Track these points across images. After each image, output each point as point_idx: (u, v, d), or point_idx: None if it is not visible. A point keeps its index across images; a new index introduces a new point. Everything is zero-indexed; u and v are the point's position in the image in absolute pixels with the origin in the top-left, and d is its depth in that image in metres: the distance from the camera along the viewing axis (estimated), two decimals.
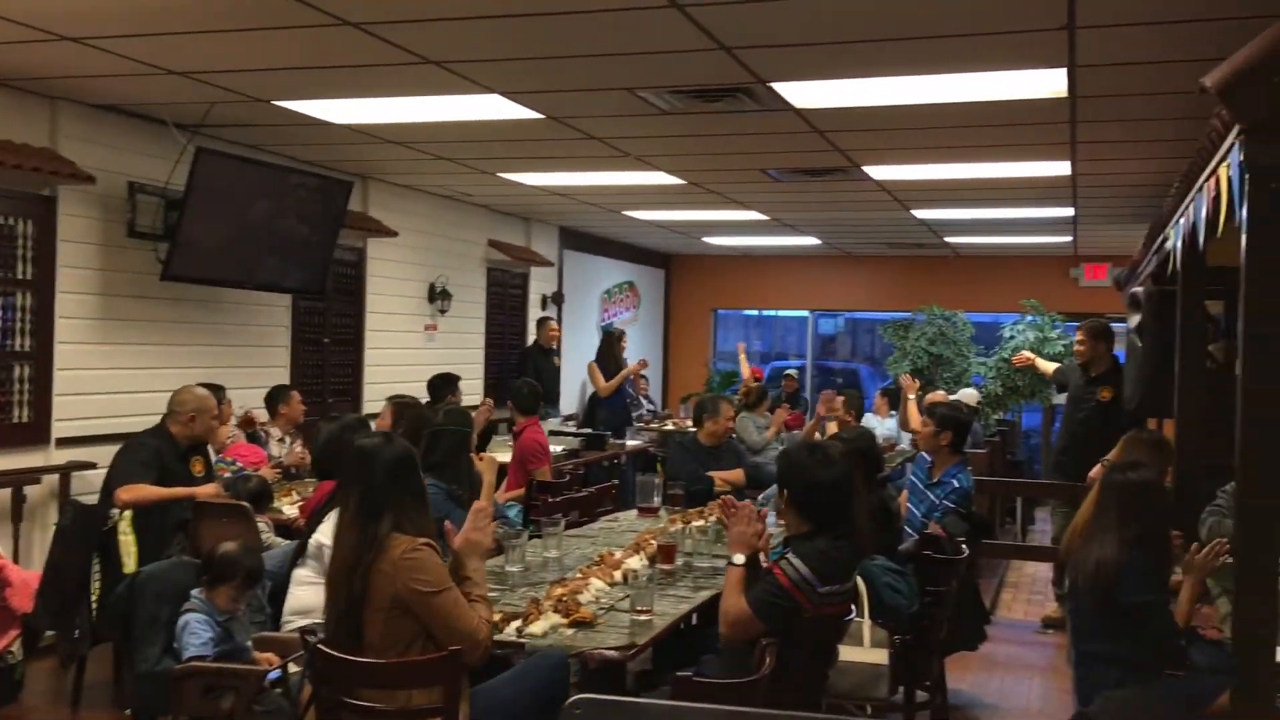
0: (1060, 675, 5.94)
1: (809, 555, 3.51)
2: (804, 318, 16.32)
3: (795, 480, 3.69)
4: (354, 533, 3.17)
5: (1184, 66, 4.48)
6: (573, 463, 8.18)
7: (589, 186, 8.97)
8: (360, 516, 3.18)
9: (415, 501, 3.27)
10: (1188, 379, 4.74)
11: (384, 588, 3.07)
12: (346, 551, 3.17)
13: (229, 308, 7.32)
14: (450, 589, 3.12)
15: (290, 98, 5.89)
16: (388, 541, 3.12)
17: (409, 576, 3.06)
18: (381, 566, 3.09)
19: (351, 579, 3.10)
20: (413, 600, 3.06)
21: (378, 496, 3.20)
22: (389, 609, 3.07)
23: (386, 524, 3.15)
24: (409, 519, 3.20)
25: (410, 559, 3.08)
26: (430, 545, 3.15)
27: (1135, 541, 3.88)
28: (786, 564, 3.50)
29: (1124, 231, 10.23)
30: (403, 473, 3.29)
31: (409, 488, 3.28)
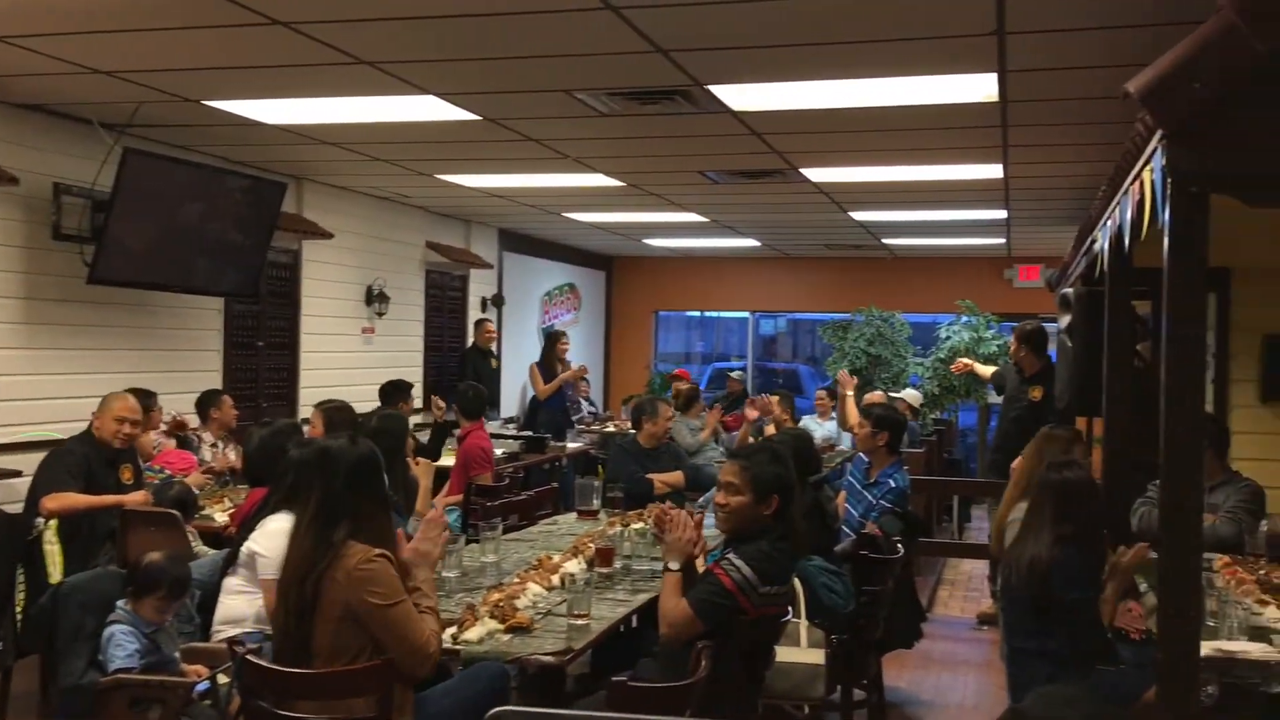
0: (995, 671, 6.01)
1: (751, 556, 3.53)
2: (745, 319, 16.42)
3: (786, 492, 3.72)
4: (310, 537, 3.10)
5: (1111, 72, 4.56)
6: (513, 466, 8.14)
7: (528, 188, 8.93)
8: (317, 521, 3.11)
9: (376, 508, 3.20)
10: (1115, 378, 4.82)
11: (336, 597, 3.01)
12: (300, 557, 3.09)
13: (159, 311, 7.18)
14: (403, 601, 3.07)
15: (220, 97, 5.80)
16: (344, 549, 3.06)
17: (363, 589, 3.01)
18: (335, 575, 3.02)
19: (303, 586, 3.03)
20: (365, 613, 3.01)
21: (337, 501, 3.12)
22: (339, 618, 3.01)
23: (344, 530, 3.09)
24: (368, 526, 3.13)
25: (365, 570, 3.02)
26: (386, 556, 3.09)
27: (1068, 539, 3.94)
28: (729, 565, 3.52)
29: (1055, 233, 10.42)
30: (365, 477, 3.21)
31: (371, 493, 3.20)
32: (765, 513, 3.71)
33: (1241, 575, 4.30)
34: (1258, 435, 6.27)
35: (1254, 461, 6.09)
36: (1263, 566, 4.49)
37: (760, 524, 3.70)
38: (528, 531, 5.55)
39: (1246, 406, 6.37)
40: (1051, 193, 8.37)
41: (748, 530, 3.69)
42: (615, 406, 13.90)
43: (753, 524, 3.70)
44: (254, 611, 3.90)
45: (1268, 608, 3.85)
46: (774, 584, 3.55)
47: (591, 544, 4.68)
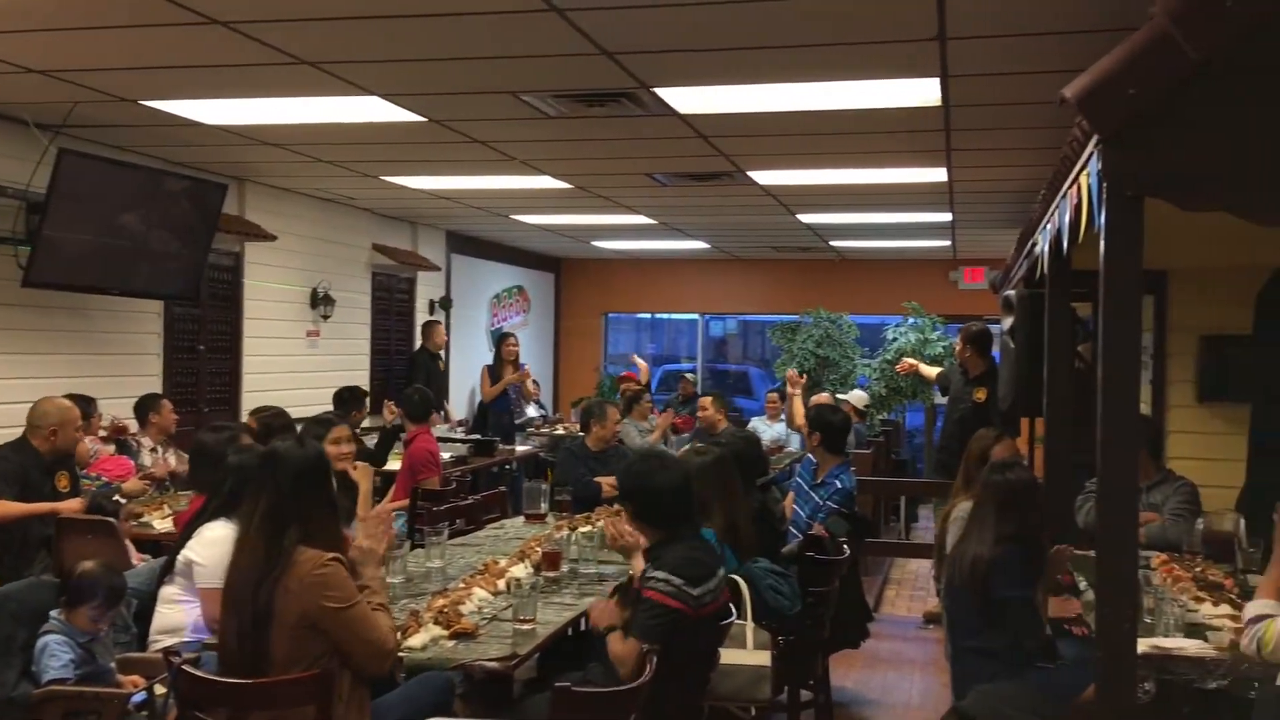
0: (941, 670, 6.07)
1: (673, 564, 3.51)
2: (694, 320, 16.45)
3: (637, 490, 3.71)
4: (259, 545, 3.04)
5: (1050, 77, 4.61)
6: (460, 469, 8.08)
7: (475, 190, 8.88)
8: (266, 527, 3.05)
9: (325, 512, 3.14)
10: (1055, 379, 4.89)
11: (292, 606, 2.96)
12: (250, 565, 3.03)
13: (96, 315, 7.05)
14: (359, 602, 3.04)
15: (159, 97, 5.70)
16: (295, 555, 3.00)
17: (319, 594, 2.96)
18: (288, 584, 2.97)
19: (256, 595, 2.97)
20: (324, 618, 2.96)
21: (285, 506, 3.06)
22: (296, 626, 2.96)
23: (294, 536, 3.03)
24: (318, 530, 3.08)
25: (319, 575, 2.98)
26: (338, 560, 3.05)
27: (1009, 539, 3.99)
28: (656, 582, 3.48)
29: (999, 236, 10.55)
30: (314, 479, 3.15)
31: (319, 497, 3.15)
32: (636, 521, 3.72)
33: (1178, 573, 4.37)
34: (1195, 435, 6.38)
35: (1192, 460, 6.20)
36: (1199, 564, 4.57)
37: (663, 529, 3.68)
38: (474, 536, 5.52)
39: (1184, 406, 6.49)
40: (995, 196, 8.48)
41: (658, 538, 3.67)
42: (565, 409, 13.87)
43: (656, 532, 3.68)
44: (191, 620, 3.84)
45: (1203, 605, 3.92)
46: (704, 582, 3.54)
47: (538, 548, 4.65)
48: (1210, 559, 4.70)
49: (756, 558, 4.49)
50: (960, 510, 5.00)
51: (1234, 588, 4.19)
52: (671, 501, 3.67)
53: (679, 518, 3.68)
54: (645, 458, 3.84)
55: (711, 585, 3.57)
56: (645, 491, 3.68)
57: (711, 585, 3.57)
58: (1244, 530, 4.68)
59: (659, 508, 3.68)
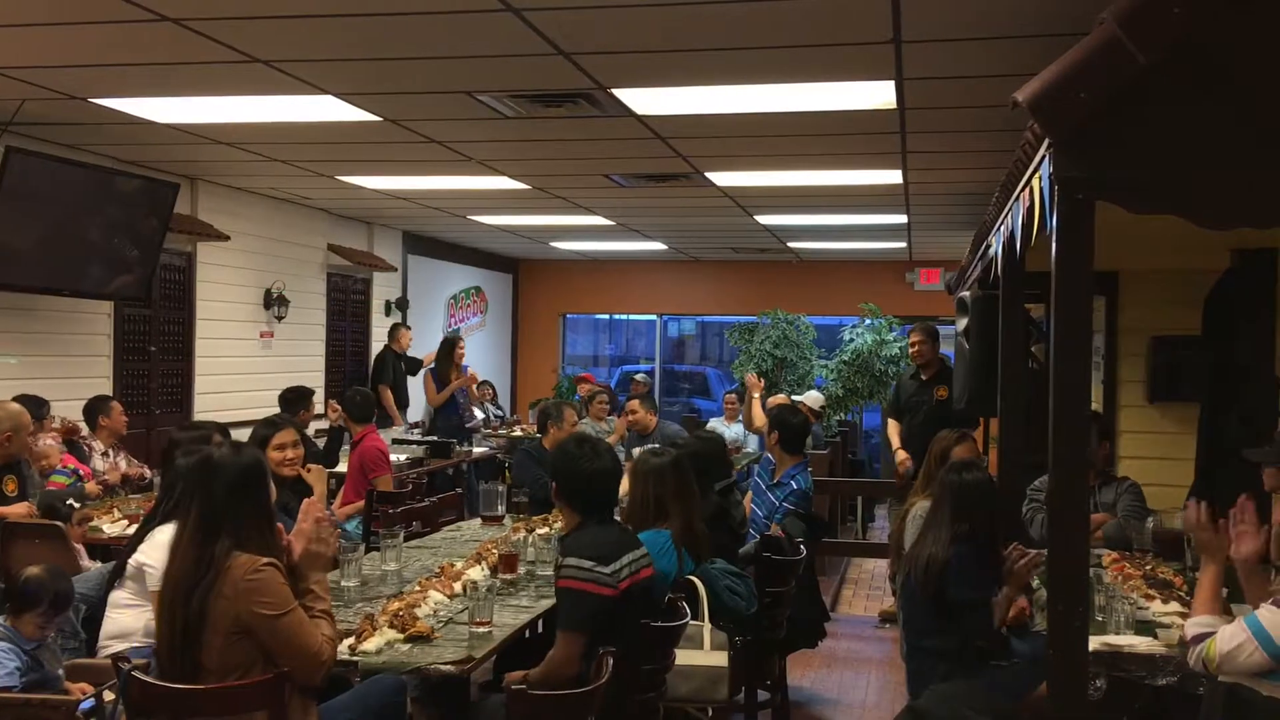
0: (897, 669, 6.11)
1: (580, 548, 3.57)
2: (653, 321, 16.46)
3: (566, 473, 3.76)
4: (192, 551, 2.99)
5: (1004, 81, 4.65)
6: (416, 471, 8.03)
7: (432, 190, 8.83)
8: (199, 533, 3.00)
9: (259, 518, 3.09)
10: (1009, 379, 4.93)
11: (224, 611, 2.92)
12: (183, 571, 2.99)
13: (45, 316, 6.93)
14: (294, 610, 2.99)
15: (109, 95, 5.61)
16: (228, 561, 2.96)
17: (251, 600, 2.92)
18: (222, 589, 2.93)
19: (189, 601, 2.93)
20: (256, 624, 2.93)
21: (219, 512, 3.02)
22: (229, 632, 2.93)
23: (227, 542, 2.99)
24: (252, 537, 3.03)
25: (252, 581, 2.94)
26: (274, 565, 3.00)
27: (964, 539, 4.03)
28: (567, 570, 3.53)
29: (954, 238, 10.65)
30: (248, 486, 3.10)
31: (254, 502, 3.10)
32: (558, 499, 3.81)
33: (1129, 571, 4.43)
34: (1145, 434, 6.49)
35: (1142, 460, 6.31)
36: (1149, 563, 4.63)
37: (574, 513, 3.76)
38: (430, 538, 5.47)
39: (1134, 406, 6.59)
40: (949, 198, 8.56)
41: (574, 523, 3.76)
42: (522, 411, 13.83)
43: (573, 514, 3.77)
44: (143, 625, 3.77)
45: (1153, 602, 3.97)
46: (615, 559, 3.57)
47: (495, 550, 4.63)
48: (1160, 557, 4.77)
49: (713, 559, 4.49)
50: (918, 510, 5.04)
51: (1183, 585, 4.24)
52: (595, 488, 3.75)
53: (596, 506, 3.76)
54: (580, 441, 3.88)
55: (626, 560, 3.61)
56: (572, 473, 3.75)
57: (626, 560, 3.61)
58: None
59: (581, 492, 3.75)
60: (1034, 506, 5.43)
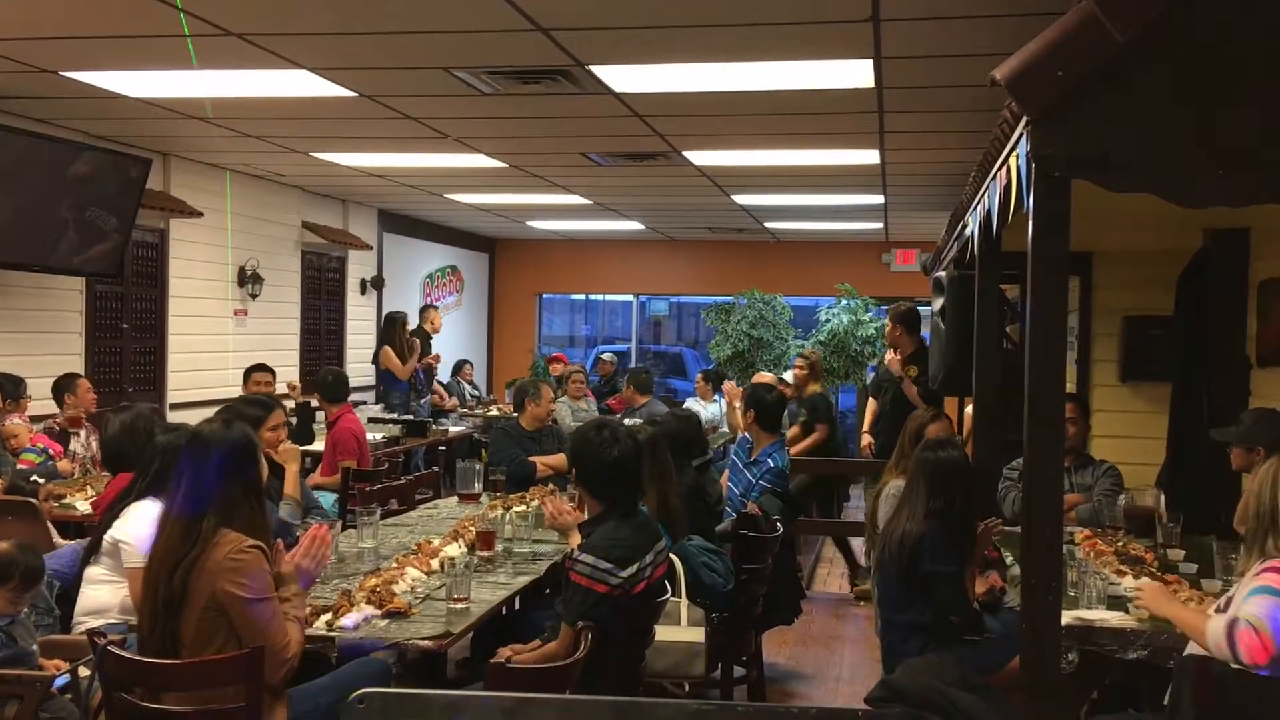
0: (871, 645, 6.16)
1: (599, 547, 3.52)
2: (629, 302, 16.45)
3: (586, 460, 3.73)
4: (178, 526, 2.99)
5: (981, 60, 4.67)
6: (391, 450, 8.01)
7: (408, 168, 8.78)
8: (186, 509, 3.00)
9: (248, 496, 3.10)
10: (985, 359, 4.96)
11: (204, 587, 2.92)
12: (168, 546, 2.99)
13: (15, 292, 6.85)
14: (271, 599, 2.99)
15: (79, 68, 5.54)
16: (214, 538, 2.96)
17: (229, 578, 2.92)
18: (205, 565, 2.93)
19: (172, 576, 2.93)
20: (228, 603, 2.92)
21: (207, 488, 3.01)
22: (205, 608, 2.93)
23: (214, 519, 2.99)
24: (239, 514, 3.04)
25: (235, 560, 2.94)
26: (259, 548, 3.00)
27: (938, 515, 4.06)
28: (583, 566, 3.47)
29: (930, 218, 10.69)
30: (237, 463, 3.10)
31: (243, 479, 3.10)
32: (580, 487, 3.77)
33: (1100, 547, 4.48)
34: (1118, 413, 6.54)
35: (1114, 439, 6.36)
36: (1120, 539, 4.69)
37: (595, 500, 3.72)
38: (407, 516, 5.47)
39: (1107, 385, 6.64)
40: (926, 178, 8.58)
41: (597, 510, 3.72)
42: (499, 390, 13.81)
43: (596, 502, 3.73)
44: (118, 601, 3.75)
45: (1125, 578, 4.02)
46: (633, 563, 3.54)
47: (472, 527, 4.63)
48: (1131, 534, 4.82)
49: (690, 536, 4.51)
50: (891, 488, 5.07)
51: (1154, 562, 4.30)
52: (617, 475, 3.68)
53: (621, 492, 3.70)
54: (599, 427, 3.82)
55: (645, 563, 3.58)
56: (594, 462, 3.69)
57: (645, 563, 3.58)
58: (1164, 506, 4.81)
59: (602, 479, 3.70)
60: (1008, 485, 5.47)
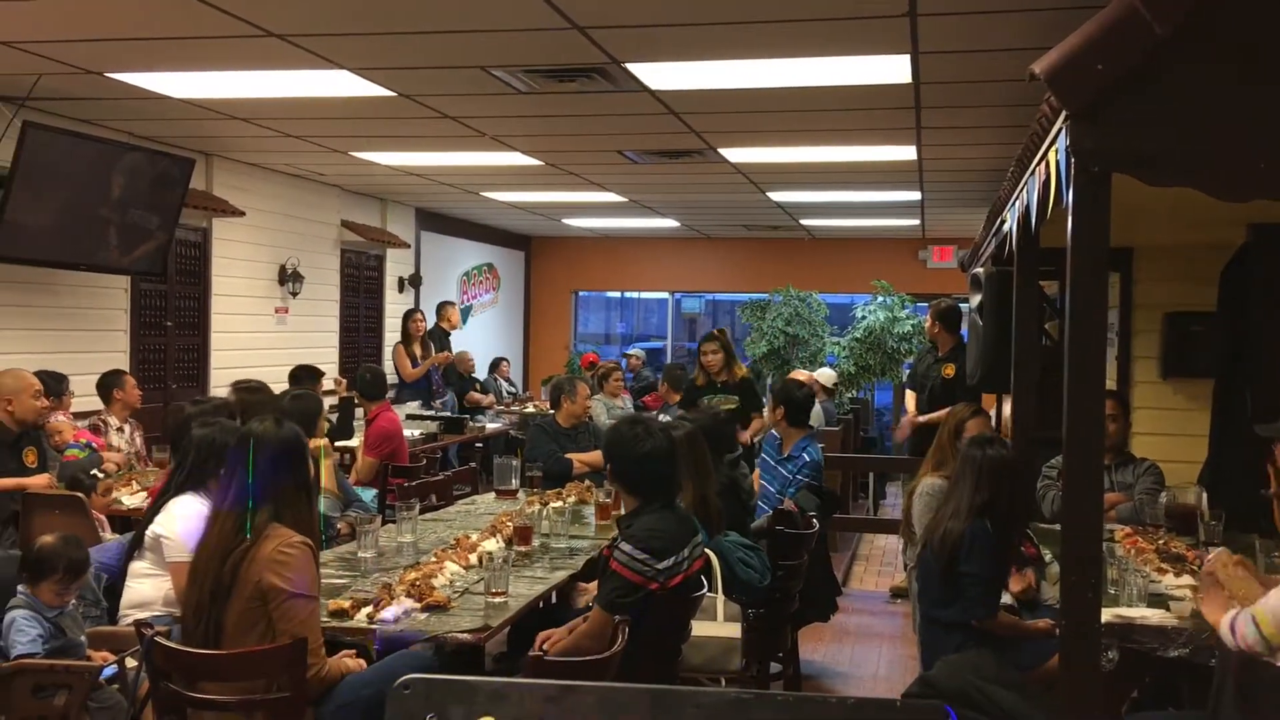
0: (908, 643, 6.15)
1: (639, 538, 3.53)
2: (664, 299, 16.45)
3: (619, 455, 3.73)
4: (230, 519, 3.07)
5: (1020, 54, 4.65)
6: (429, 446, 8.07)
7: (445, 167, 8.84)
8: (240, 503, 3.08)
9: (299, 491, 3.18)
10: (1023, 356, 4.93)
11: (251, 577, 3.00)
12: (220, 536, 3.07)
13: (63, 290, 6.97)
14: (312, 598, 3.05)
15: (124, 70, 5.63)
16: (266, 531, 3.04)
17: (275, 570, 2.99)
18: (255, 556, 3.00)
19: (223, 565, 3.00)
20: (271, 594, 2.98)
21: (261, 483, 3.10)
22: (249, 598, 3.00)
23: (266, 513, 3.07)
24: (289, 509, 3.12)
25: (283, 554, 3.01)
26: (308, 545, 3.06)
27: (981, 513, 4.03)
28: (622, 555, 3.50)
29: (968, 215, 10.62)
30: (289, 460, 3.19)
31: (295, 477, 3.19)
32: (616, 483, 3.77)
33: (1141, 545, 4.44)
34: (1159, 410, 6.47)
35: (1155, 436, 6.29)
36: (1161, 537, 4.65)
37: (631, 496, 3.72)
38: (445, 511, 5.52)
39: (1148, 382, 6.57)
40: (964, 174, 8.53)
41: (633, 505, 3.72)
42: (534, 387, 13.87)
43: (631, 498, 3.73)
44: (161, 595, 3.82)
45: (1166, 576, 3.98)
46: (671, 555, 3.56)
47: (510, 523, 4.67)
48: (1173, 532, 4.78)
49: (726, 532, 4.52)
50: (925, 485, 5.05)
51: (1195, 560, 4.26)
52: (651, 470, 3.69)
53: (657, 487, 3.70)
54: (632, 423, 3.84)
55: (682, 556, 3.59)
56: (627, 457, 3.69)
57: (682, 556, 3.59)
58: (1206, 504, 4.76)
59: (637, 474, 3.70)
60: (1047, 484, 5.43)
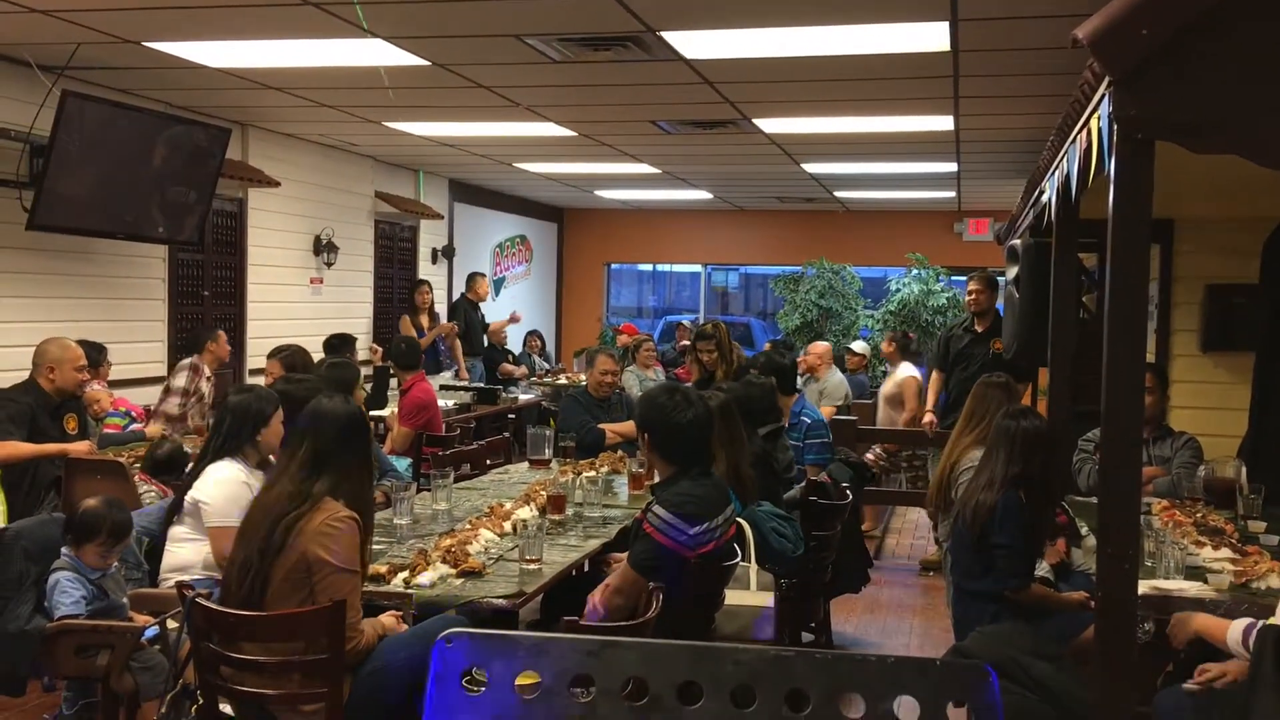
0: (939, 615, 6.14)
1: (671, 502, 3.57)
2: (697, 272, 16.42)
3: (655, 423, 3.74)
4: (290, 485, 3.14)
5: (1060, 21, 4.58)
6: (463, 416, 8.12)
7: (479, 137, 8.84)
8: (302, 469, 3.16)
9: (360, 468, 3.26)
10: (1060, 329, 4.88)
11: (299, 546, 3.05)
12: (276, 499, 3.13)
13: (101, 259, 7.05)
14: (355, 574, 3.10)
15: (161, 39, 5.66)
16: (320, 503, 3.10)
17: (321, 542, 3.04)
18: (305, 527, 3.06)
19: (274, 528, 3.06)
20: (316, 566, 3.03)
21: (326, 455, 3.18)
22: (294, 566, 3.04)
23: (325, 484, 3.14)
24: (348, 483, 3.19)
25: (330, 527, 3.06)
26: (354, 520, 3.11)
27: (1015, 485, 4.02)
28: (654, 517, 3.55)
29: (1004, 186, 10.50)
30: (355, 434, 3.28)
31: (358, 449, 3.27)
32: (652, 452, 3.78)
33: (1179, 518, 4.41)
34: (1198, 384, 6.40)
35: (1195, 410, 6.23)
36: (1200, 510, 4.61)
37: (667, 464, 3.73)
38: (479, 480, 5.56)
39: (1188, 356, 6.50)
40: (1001, 145, 8.43)
41: (669, 473, 3.73)
42: (567, 359, 13.90)
43: (667, 465, 3.74)
44: (200, 559, 3.88)
45: (1204, 549, 3.95)
46: (703, 520, 3.57)
47: (543, 491, 4.69)
48: (1211, 505, 4.74)
49: (759, 502, 4.52)
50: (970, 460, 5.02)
51: (1234, 533, 4.22)
52: (687, 438, 3.70)
53: (692, 455, 3.72)
54: (670, 391, 3.85)
55: (715, 523, 3.60)
56: (664, 425, 3.71)
57: (715, 523, 3.60)
58: (1245, 477, 4.72)
59: (674, 442, 3.72)
60: (1083, 457, 5.39)
